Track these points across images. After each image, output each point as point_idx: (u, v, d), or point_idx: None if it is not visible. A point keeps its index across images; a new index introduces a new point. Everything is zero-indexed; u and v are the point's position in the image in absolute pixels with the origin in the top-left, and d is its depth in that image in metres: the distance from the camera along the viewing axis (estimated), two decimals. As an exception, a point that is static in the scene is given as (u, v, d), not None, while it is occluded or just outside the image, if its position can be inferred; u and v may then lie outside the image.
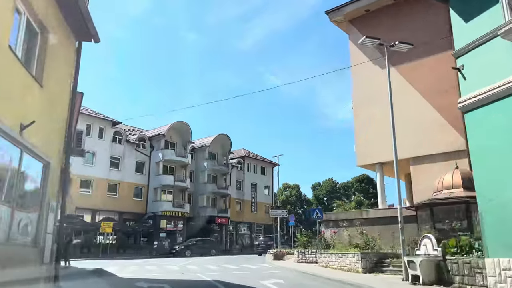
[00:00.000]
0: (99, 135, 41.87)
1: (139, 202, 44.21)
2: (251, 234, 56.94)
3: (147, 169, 45.51)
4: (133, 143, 44.62)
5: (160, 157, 44.85)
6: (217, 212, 48.88)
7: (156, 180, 44.63)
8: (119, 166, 43.16)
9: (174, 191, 46.93)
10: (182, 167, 47.73)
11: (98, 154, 41.24)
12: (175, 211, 44.26)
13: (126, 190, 43.05)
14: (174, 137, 48.00)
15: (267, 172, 61.08)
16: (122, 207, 42.26)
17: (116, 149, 43.02)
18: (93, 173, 40.45)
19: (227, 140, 52.48)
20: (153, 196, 44.62)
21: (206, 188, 48.90)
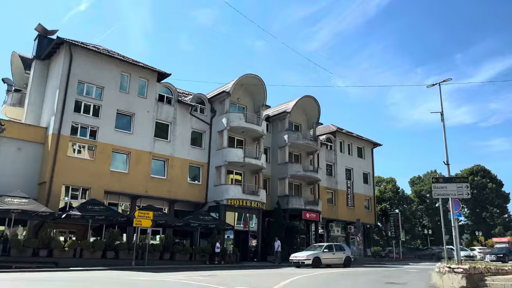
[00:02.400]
0: (140, 90, 29.63)
1: (196, 187, 31.32)
2: (347, 237, 41.89)
3: (206, 141, 32.58)
4: (188, 104, 31.91)
5: (224, 124, 31.69)
6: (303, 203, 34.62)
7: (218, 156, 31.52)
8: (168, 136, 30.64)
9: (244, 172, 33.50)
10: (254, 139, 34.21)
11: (138, 117, 29.00)
12: (246, 200, 30.73)
13: (178, 169, 30.38)
14: (243, 99, 34.66)
15: (366, 154, 45.69)
16: (172, 192, 29.62)
17: (164, 112, 30.57)
18: (131, 143, 28.25)
19: (314, 105, 38.14)
20: (215, 178, 31.52)
21: (287, 170, 34.87)
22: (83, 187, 26.00)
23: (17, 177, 24.28)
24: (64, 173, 24.96)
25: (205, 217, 27.35)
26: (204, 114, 33.06)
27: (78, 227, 25.52)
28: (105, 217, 22.93)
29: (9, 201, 20.67)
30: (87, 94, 27.20)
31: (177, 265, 23.91)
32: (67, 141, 25.63)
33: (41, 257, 20.55)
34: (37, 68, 28.56)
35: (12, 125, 25.62)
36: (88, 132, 26.82)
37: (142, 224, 22.91)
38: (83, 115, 26.69)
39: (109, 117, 27.61)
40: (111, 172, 27.10)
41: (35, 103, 28.06)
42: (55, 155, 24.93)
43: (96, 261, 21.51)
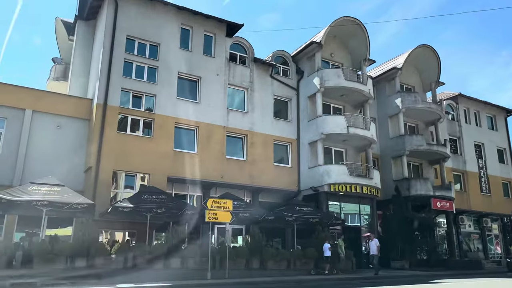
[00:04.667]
0: (205, 48, 22.74)
1: (285, 171, 23.65)
2: (482, 234, 31.51)
3: (293, 112, 24.85)
4: (267, 64, 24.44)
5: (316, 85, 23.73)
6: (432, 189, 25.36)
7: (311, 129, 23.60)
8: (244, 105, 23.41)
9: (347, 149, 25.18)
10: (356, 106, 25.80)
11: (206, 82, 22.12)
12: (355, 185, 22.38)
13: (260, 147, 23.00)
14: (338, 54, 26.44)
15: (498, 125, 34.84)
16: (255, 178, 22.27)
17: (238, 75, 23.41)
18: (198, 115, 21.43)
19: (431, 58, 28.69)
20: (309, 157, 23.61)
21: (404, 144, 25.89)
22: (139, 172, 19.55)
23: (57, 163, 18.40)
24: (114, 155, 18.72)
25: (303, 208, 19.51)
26: (288, 76, 25.35)
27: (136, 226, 18.97)
28: (166, 209, 16.08)
29: (33, 190, 14.56)
30: (139, 52, 20.86)
31: (271, 276, 16.38)
32: (116, 113, 19.39)
33: (77, 268, 14.10)
34: (80, 30, 22.90)
35: (46, 96, 19.95)
36: (143, 101, 20.43)
37: (218, 219, 15.73)
38: (135, 80, 20.35)
39: (168, 82, 21.03)
40: (175, 153, 20.42)
41: (80, 73, 22.35)
42: (102, 131, 18.77)
43: (154, 272, 14.68)
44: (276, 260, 17.49)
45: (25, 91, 19.05)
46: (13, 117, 18.42)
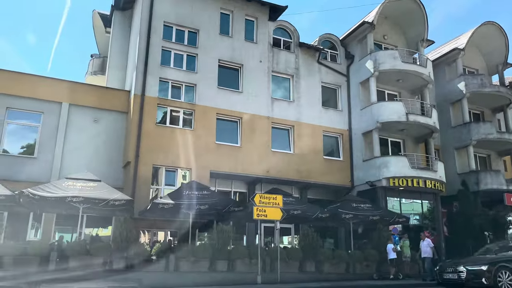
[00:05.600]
0: (247, 33, 21.13)
1: (336, 164, 21.59)
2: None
3: (343, 100, 22.74)
4: (314, 49, 22.47)
5: (369, 69, 21.51)
6: (505, 182, 22.43)
7: (365, 117, 21.40)
8: (290, 94, 21.58)
9: (405, 139, 22.75)
10: (414, 91, 23.32)
11: (248, 69, 20.50)
12: (417, 178, 19.96)
13: (308, 139, 21.09)
14: (391, 36, 24.03)
15: None
16: (303, 173, 20.38)
17: (282, 61, 21.61)
18: (241, 105, 19.86)
19: (497, 37, 25.59)
20: (363, 149, 21.42)
21: (469, 133, 23.08)
22: (180, 167, 18.16)
23: (95, 158, 17.41)
24: (153, 149, 17.45)
25: (361, 205, 17.36)
26: (337, 62, 23.26)
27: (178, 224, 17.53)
28: (210, 206, 14.52)
29: (68, 185, 13.43)
30: (177, 40, 19.54)
31: (328, 280, 14.44)
32: (154, 104, 18.13)
33: (116, 270, 12.80)
34: (117, 21, 21.93)
35: (83, 88, 19.01)
36: (182, 92, 19.08)
37: (267, 216, 13.97)
38: (174, 69, 19.03)
39: (208, 71, 19.57)
40: (217, 146, 18.90)
41: (117, 66, 21.34)
42: (140, 124, 17.55)
43: (198, 276, 13.17)
44: (333, 262, 15.50)
45: (61, 84, 18.19)
46: (50, 111, 17.59)
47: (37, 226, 16.76)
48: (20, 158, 16.80)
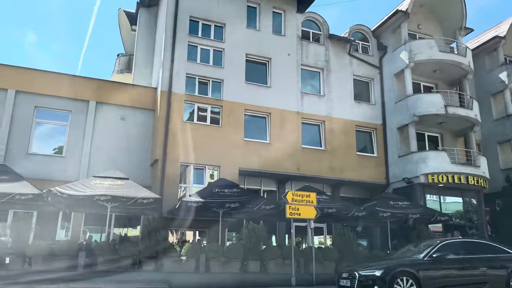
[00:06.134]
0: (275, 26, 20.47)
1: (370, 161, 20.63)
2: None
3: (376, 93, 21.76)
4: (344, 40, 21.57)
5: (404, 60, 20.44)
6: (552, 178, 20.94)
7: (400, 111, 20.35)
8: (320, 88, 20.78)
9: (443, 134, 21.54)
10: (451, 83, 22.08)
11: (277, 63, 19.82)
12: (458, 175, 18.76)
13: (340, 134, 20.23)
14: (426, 25, 22.81)
15: None
16: (336, 170, 19.54)
17: (311, 54, 20.83)
18: (269, 101, 19.21)
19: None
20: (399, 144, 20.37)
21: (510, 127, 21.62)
22: (208, 165, 17.67)
23: (122, 157, 17.12)
24: (181, 146, 17.03)
25: (398, 203, 16.36)
26: (369, 54, 22.28)
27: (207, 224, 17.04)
28: (241, 204, 13.93)
29: (96, 183, 13.11)
30: (203, 35, 19.07)
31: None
32: (181, 101, 17.70)
33: (145, 271, 12.36)
34: (143, 18, 21.67)
35: (109, 86, 18.78)
36: (209, 87, 18.58)
37: (301, 215, 13.28)
38: (201, 64, 18.56)
39: (236, 65, 19.01)
40: (246, 143, 18.31)
41: (144, 63, 21.08)
42: (167, 121, 17.16)
43: (230, 277, 12.61)
44: (371, 264, 14.58)
45: (88, 82, 18.05)
46: (77, 109, 17.43)
47: (67, 226, 16.60)
48: (48, 157, 16.70)
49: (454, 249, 9.76)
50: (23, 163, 15.42)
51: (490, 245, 10.35)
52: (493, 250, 10.05)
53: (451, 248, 9.78)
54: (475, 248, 10.17)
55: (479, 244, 10.67)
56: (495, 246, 10.22)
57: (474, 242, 11.25)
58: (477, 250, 10.01)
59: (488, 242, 11.02)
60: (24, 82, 16.76)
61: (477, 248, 10.17)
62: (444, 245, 9.80)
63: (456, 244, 10.20)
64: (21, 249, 12.10)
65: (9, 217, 14.96)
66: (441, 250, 9.52)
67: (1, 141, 15.92)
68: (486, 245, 10.44)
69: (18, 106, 16.53)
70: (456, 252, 9.68)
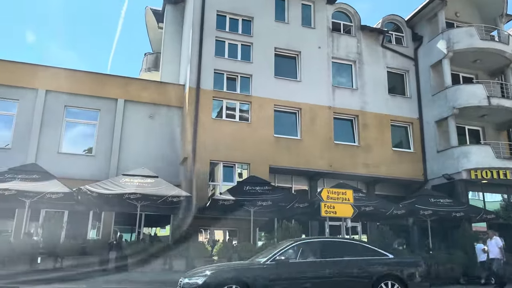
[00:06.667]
0: (304, 18, 19.82)
1: (406, 157, 19.66)
2: None
3: (412, 85, 20.76)
4: (377, 32, 20.69)
5: (442, 50, 19.36)
6: None
7: (438, 103, 19.30)
8: (352, 81, 19.98)
9: (484, 127, 20.31)
10: (492, 73, 20.78)
11: (306, 57, 19.17)
12: (504, 170, 17.55)
13: (375, 130, 19.38)
14: (464, 13, 21.58)
15: None
16: (371, 167, 18.71)
17: (342, 46, 20.05)
18: (300, 96, 18.57)
19: None
20: (437, 139, 19.32)
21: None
22: (238, 162, 17.21)
23: (151, 155, 16.86)
24: (210, 144, 16.63)
25: (439, 200, 15.41)
26: (403, 45, 21.29)
27: (237, 223, 16.58)
28: (273, 202, 13.37)
29: (126, 182, 12.86)
30: (230, 29, 18.64)
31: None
32: (209, 97, 17.31)
33: (176, 271, 11.97)
34: (169, 15, 21.45)
35: (138, 84, 18.58)
36: (237, 83, 18.13)
37: (337, 213, 12.57)
38: (229, 60, 18.13)
39: (264, 60, 18.49)
40: (276, 140, 17.75)
41: (171, 61, 20.83)
42: (196, 118, 16.80)
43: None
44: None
45: (117, 80, 17.95)
46: (106, 108, 17.32)
47: (98, 225, 16.50)
48: (78, 156, 16.64)
49: (312, 251, 7.99)
50: (54, 162, 15.38)
51: (361, 246, 8.55)
52: (364, 252, 8.18)
53: (308, 249, 8.03)
54: (340, 249, 8.23)
55: (346, 244, 8.71)
56: (367, 247, 8.47)
57: (340, 242, 9.15)
58: (342, 251, 8.08)
59: (359, 242, 9.06)
60: (54, 82, 16.76)
61: (343, 249, 8.25)
62: (298, 245, 8.02)
63: (315, 245, 8.31)
64: (52, 249, 11.98)
65: (41, 216, 14.95)
66: (290, 252, 7.76)
67: (33, 141, 15.95)
68: (355, 245, 8.58)
69: (48, 105, 16.55)
70: (313, 254, 7.90)
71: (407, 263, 8.25)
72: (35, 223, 15.13)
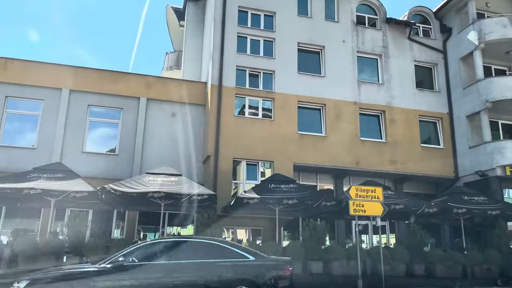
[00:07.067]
0: (327, 12, 19.33)
1: (435, 153, 18.95)
2: None
3: (441, 79, 20.02)
4: (403, 24, 20.02)
5: (473, 41, 18.56)
6: None
7: (469, 97, 18.52)
8: (378, 75, 19.38)
9: (520, 121, 19.41)
10: (528, 65, 19.83)
11: (330, 51, 18.69)
12: (541, 166, 16.72)
13: (402, 126, 18.74)
14: (495, 3, 20.65)
15: None
16: (398, 164, 18.09)
17: (368, 40, 19.48)
18: (324, 91, 18.11)
19: None
20: (469, 134, 18.53)
21: None
22: (261, 160, 16.89)
23: (174, 153, 16.70)
24: (233, 141, 16.37)
25: (473, 198, 14.68)
26: (431, 37, 20.54)
27: (261, 222, 16.28)
28: (300, 200, 12.96)
29: (149, 180, 12.68)
30: (252, 25, 18.33)
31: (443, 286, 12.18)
32: (232, 94, 17.04)
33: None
34: (190, 12, 21.31)
35: (160, 82, 18.44)
36: (260, 79, 17.80)
37: (366, 211, 12.06)
38: (251, 56, 17.82)
39: (287, 55, 18.11)
40: (300, 137, 17.34)
41: (192, 59, 20.69)
42: (218, 116, 16.56)
43: (292, 280, 11.64)
44: (446, 265, 13.12)
45: (139, 78, 17.84)
46: (129, 107, 17.26)
47: (122, 225, 16.46)
48: (102, 155, 16.62)
49: (160, 253, 7.19)
50: (78, 162, 15.39)
51: (220, 247, 7.56)
52: (222, 253, 7.32)
53: (155, 250, 7.25)
54: (193, 250, 7.36)
55: (202, 245, 7.67)
56: (227, 248, 7.54)
57: (195, 242, 7.92)
58: (195, 253, 7.26)
59: (218, 242, 7.82)
60: (77, 81, 16.79)
61: (198, 250, 7.38)
62: (144, 246, 7.41)
63: (164, 246, 7.49)
64: (78, 247, 11.91)
65: (66, 215, 14.97)
66: (136, 254, 6.99)
67: (57, 140, 16.01)
68: (213, 246, 7.56)
69: (72, 105, 16.58)
70: (160, 256, 7.10)
71: (269, 266, 7.38)
72: (60, 222, 15.17)
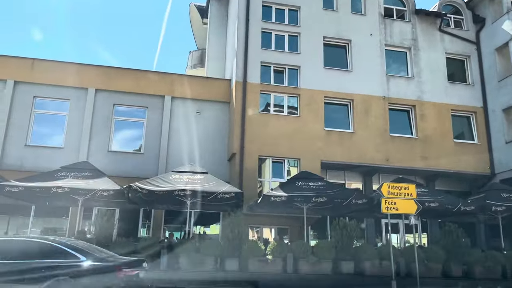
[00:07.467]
0: (353, 5, 18.79)
1: (469, 149, 18.12)
2: None
3: (474, 72, 19.18)
4: (434, 15, 19.25)
5: (507, 33, 17.68)
6: None
7: (504, 91, 17.69)
8: (407, 69, 18.71)
9: (561, 114, 18.34)
10: None
11: (357, 45, 18.16)
12: None
13: (433, 120, 18.02)
14: (532, -10, 19.64)
15: None
16: (430, 160, 17.40)
17: (396, 33, 18.83)
18: (351, 86, 17.60)
19: None
20: (505, 129, 17.65)
21: None
22: (288, 158, 16.52)
23: (199, 152, 16.51)
24: (258, 139, 16.08)
25: (510, 195, 13.91)
26: (463, 28, 19.70)
27: (288, 221, 15.92)
28: (329, 198, 12.55)
29: (175, 178, 12.53)
30: (277, 20, 17.97)
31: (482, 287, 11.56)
32: (257, 91, 16.74)
33: (228, 271, 11.50)
34: (214, 9, 21.14)
35: (184, 80, 18.28)
36: (285, 75, 17.43)
37: (399, 209, 11.54)
38: (276, 52, 17.48)
39: (313, 50, 17.68)
40: (327, 133, 16.89)
41: (216, 56, 20.50)
42: (243, 113, 16.29)
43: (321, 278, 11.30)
44: (485, 266, 12.45)
45: (163, 77, 17.77)
46: (154, 105, 17.20)
47: (148, 224, 16.41)
48: (127, 154, 16.61)
49: None
50: (105, 161, 15.41)
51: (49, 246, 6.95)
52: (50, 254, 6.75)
53: None
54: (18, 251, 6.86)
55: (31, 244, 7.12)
56: (57, 247, 6.89)
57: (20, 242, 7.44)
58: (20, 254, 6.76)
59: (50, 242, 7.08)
60: (103, 81, 16.84)
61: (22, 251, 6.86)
62: None
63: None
64: (105, 246, 11.84)
65: (93, 214, 15.02)
66: None
67: (84, 140, 16.09)
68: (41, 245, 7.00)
69: (98, 104, 16.63)
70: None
71: (101, 268, 6.77)
72: (88, 221, 15.23)
